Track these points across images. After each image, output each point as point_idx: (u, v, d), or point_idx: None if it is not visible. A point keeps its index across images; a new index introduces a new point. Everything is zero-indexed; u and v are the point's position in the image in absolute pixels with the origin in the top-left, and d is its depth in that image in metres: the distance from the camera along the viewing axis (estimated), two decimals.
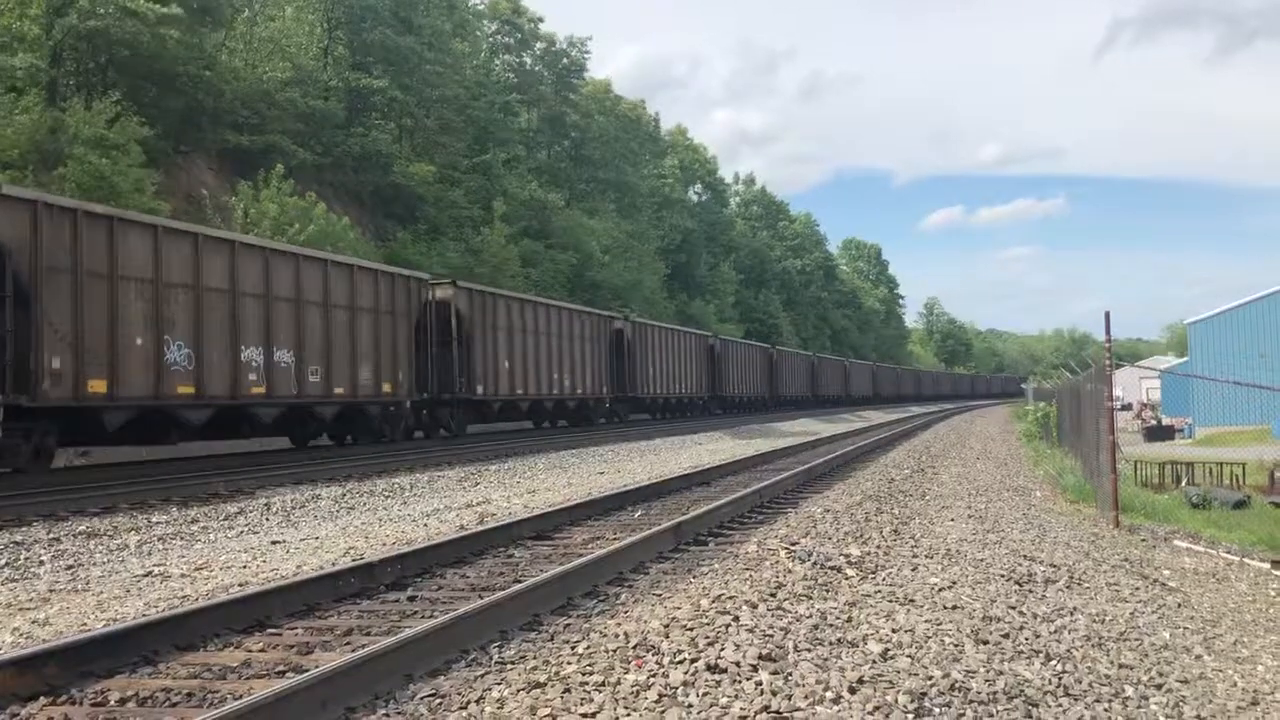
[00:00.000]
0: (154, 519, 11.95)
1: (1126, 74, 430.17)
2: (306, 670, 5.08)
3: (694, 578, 7.84)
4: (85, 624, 6.84)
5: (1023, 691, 5.42)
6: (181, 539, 10.86)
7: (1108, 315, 14.69)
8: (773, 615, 6.25)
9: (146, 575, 8.75)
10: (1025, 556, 9.84)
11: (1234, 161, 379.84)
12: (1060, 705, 5.45)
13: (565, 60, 65.19)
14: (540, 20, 63.47)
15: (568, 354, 32.64)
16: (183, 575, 8.71)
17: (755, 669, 5.11)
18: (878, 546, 9.39)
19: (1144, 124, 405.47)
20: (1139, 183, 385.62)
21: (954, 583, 7.86)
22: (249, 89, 38.18)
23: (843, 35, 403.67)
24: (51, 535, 10.68)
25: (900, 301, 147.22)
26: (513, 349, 28.31)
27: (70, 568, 9.26)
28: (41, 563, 9.44)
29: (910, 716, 4.63)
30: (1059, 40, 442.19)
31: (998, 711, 5.01)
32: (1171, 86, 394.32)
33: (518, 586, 6.93)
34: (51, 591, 8.19)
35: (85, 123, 27.51)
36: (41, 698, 5.01)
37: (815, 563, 8.16)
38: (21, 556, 9.66)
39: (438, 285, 25.65)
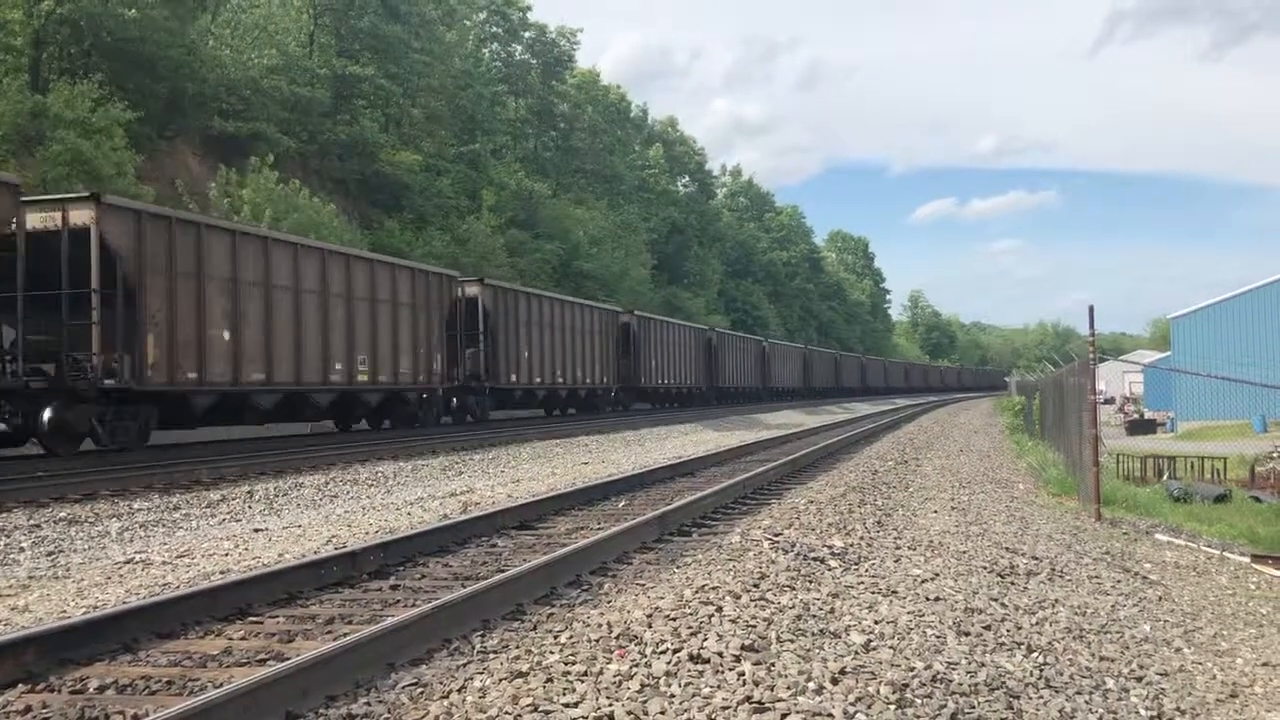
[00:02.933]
0: (136, 506, 11.89)
1: (1122, 68, 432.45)
2: (288, 658, 5.05)
3: (677, 568, 7.84)
4: (65, 611, 6.80)
5: (1004, 683, 5.44)
6: (163, 526, 10.81)
7: (1091, 309, 14.76)
8: (756, 606, 6.26)
9: (128, 562, 8.70)
10: (1007, 549, 9.88)
11: (1224, 157, 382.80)
12: (1041, 697, 5.47)
13: (555, 51, 64.99)
14: (528, 9, 63.27)
15: (678, 357, 44.58)
16: (164, 563, 8.67)
17: (738, 659, 5.11)
18: (861, 538, 9.42)
19: (1137, 118, 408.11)
20: (1129, 177, 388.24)
21: (936, 574, 7.88)
22: (234, 75, 37.98)
23: (844, 26, 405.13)
24: (32, 521, 10.62)
25: (886, 295, 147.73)
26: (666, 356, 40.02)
27: (51, 554, 9.21)
28: (22, 549, 9.38)
29: (892, 707, 4.64)
30: (1058, 33, 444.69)
31: (979, 703, 5.02)
32: (1166, 81, 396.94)
33: (501, 576, 6.91)
34: (31, 578, 8.14)
35: (68, 105, 27.31)
36: (20, 685, 4.97)
37: (798, 554, 8.18)
38: (1, 543, 9.60)
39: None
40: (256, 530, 10.55)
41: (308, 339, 20.12)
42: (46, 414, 15.14)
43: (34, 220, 15.44)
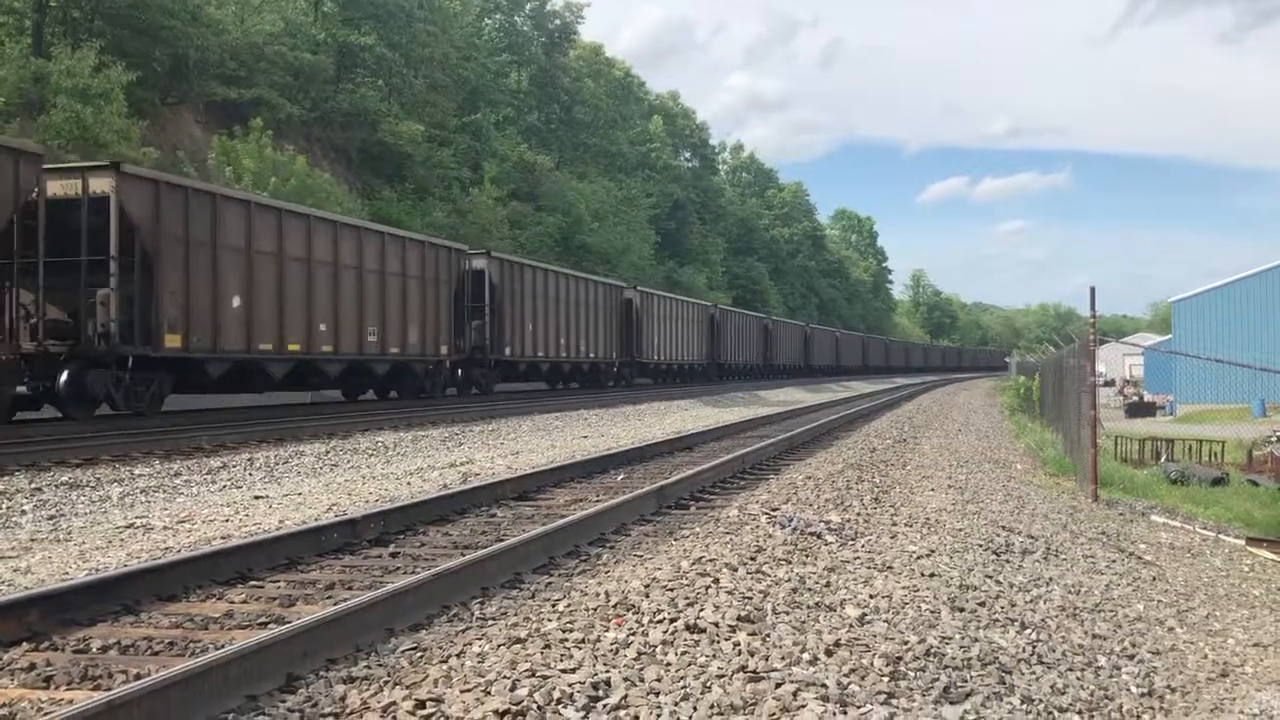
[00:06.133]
0: (136, 471, 11.93)
1: (1141, 50, 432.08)
2: (289, 622, 5.10)
3: (675, 540, 7.89)
4: (67, 573, 6.86)
5: (997, 658, 5.49)
6: (164, 491, 10.86)
7: (1093, 290, 14.76)
8: (752, 578, 6.31)
9: (129, 526, 8.76)
10: (1004, 527, 9.93)
11: (1236, 141, 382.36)
12: (1033, 673, 5.53)
13: (557, 23, 64.59)
14: None
15: (749, 341, 55.10)
16: (165, 527, 8.73)
17: (734, 630, 5.16)
18: (858, 514, 9.47)
19: (1152, 101, 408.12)
20: (1141, 160, 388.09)
21: (932, 551, 7.94)
22: (237, 41, 37.77)
23: (867, 5, 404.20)
24: (34, 485, 10.66)
25: (889, 274, 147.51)
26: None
27: (52, 518, 9.26)
28: (23, 512, 9.44)
29: (885, 680, 4.69)
30: (1079, 13, 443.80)
31: (972, 677, 5.07)
32: (1183, 64, 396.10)
33: (500, 545, 6.96)
34: (33, 540, 8.19)
35: (68, 73, 27.19)
36: (24, 643, 5.03)
37: (795, 528, 8.23)
38: (3, 506, 9.65)
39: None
40: (257, 497, 10.61)
41: (562, 328, 31.72)
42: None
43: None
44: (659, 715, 4.06)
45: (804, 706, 4.20)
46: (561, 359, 32.15)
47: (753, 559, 6.90)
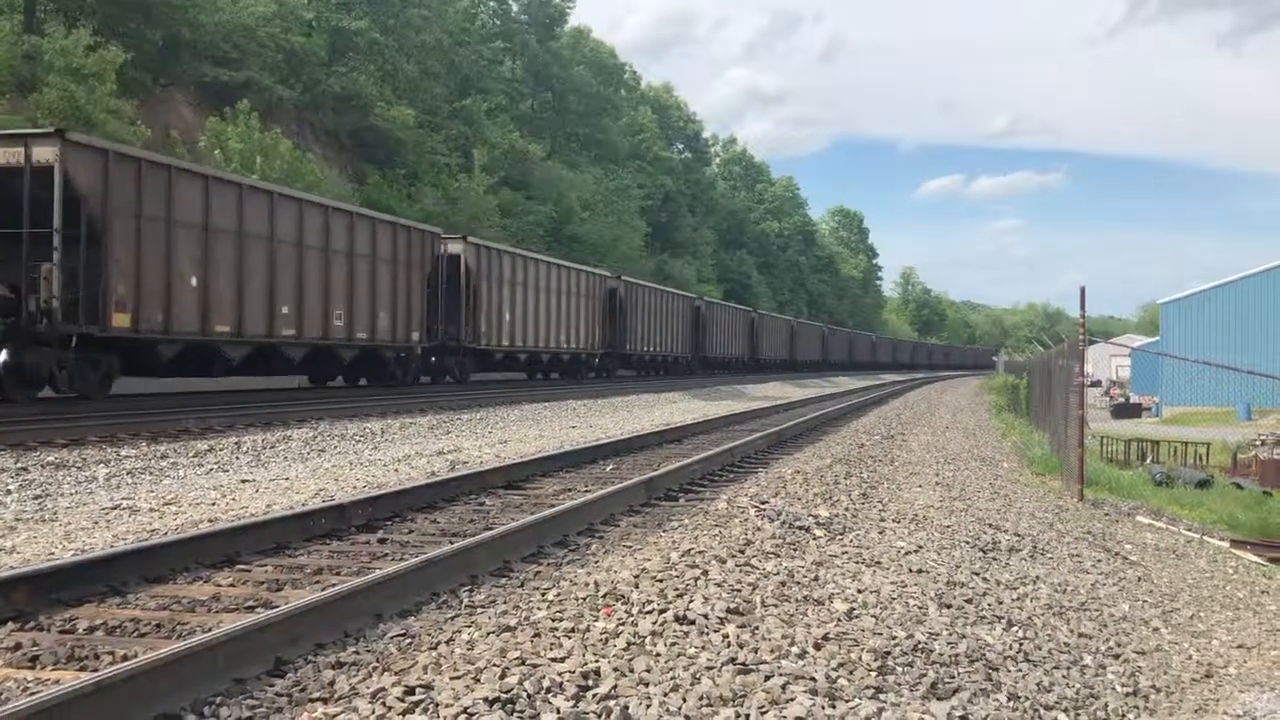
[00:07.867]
0: (123, 453, 11.87)
1: (1140, 52, 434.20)
2: (276, 606, 5.09)
3: (664, 531, 7.89)
4: (53, 553, 6.82)
5: (984, 655, 5.51)
6: (150, 474, 10.82)
7: (1083, 290, 14.79)
8: (741, 571, 6.31)
9: (115, 508, 8.72)
10: (991, 525, 9.96)
11: (1229, 144, 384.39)
12: (1020, 670, 5.55)
13: (549, 9, 64.43)
14: None
15: (811, 341, 65.34)
16: (151, 509, 8.69)
17: (723, 622, 5.15)
18: (846, 509, 9.47)
19: (1149, 102, 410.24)
20: (1135, 161, 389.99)
21: (920, 547, 7.95)
22: (229, 22, 37.56)
23: (869, 0, 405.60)
24: (19, 465, 10.59)
25: (879, 271, 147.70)
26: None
27: (38, 498, 9.21)
28: (9, 492, 9.38)
29: (873, 674, 4.69)
30: (1079, 14, 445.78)
31: (959, 673, 5.09)
32: (1182, 66, 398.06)
33: (489, 533, 6.95)
34: (18, 520, 8.15)
35: (61, 52, 26.99)
36: (10, 623, 5.00)
37: (784, 522, 8.23)
38: None
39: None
40: (244, 481, 10.57)
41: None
42: None
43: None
44: (649, 706, 4.05)
45: (793, 699, 4.20)
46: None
47: (741, 552, 6.90)
